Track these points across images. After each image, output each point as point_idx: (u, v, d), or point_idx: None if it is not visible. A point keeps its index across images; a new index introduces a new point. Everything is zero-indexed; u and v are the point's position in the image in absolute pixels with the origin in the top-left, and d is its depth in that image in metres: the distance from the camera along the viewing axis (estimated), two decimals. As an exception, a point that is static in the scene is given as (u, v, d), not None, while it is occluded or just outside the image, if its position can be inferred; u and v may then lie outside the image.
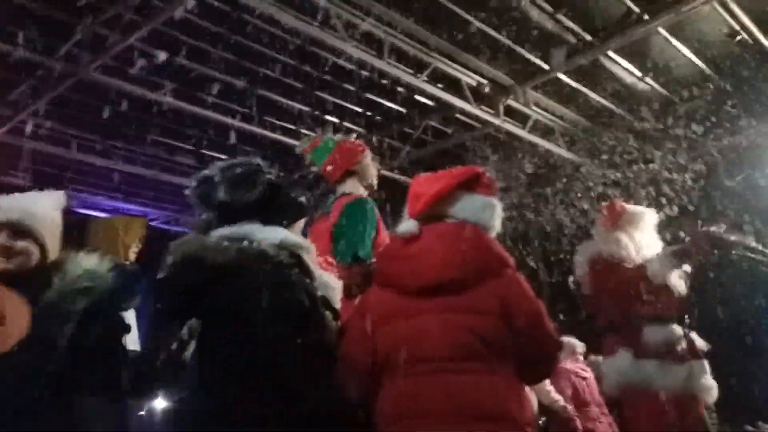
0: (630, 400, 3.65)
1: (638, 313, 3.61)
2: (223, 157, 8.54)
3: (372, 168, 3.66)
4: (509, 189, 8.94)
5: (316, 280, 2.31)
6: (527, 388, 2.48)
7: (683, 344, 3.60)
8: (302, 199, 2.52)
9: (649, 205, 4.70)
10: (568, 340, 6.23)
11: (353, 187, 3.57)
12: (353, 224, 3.31)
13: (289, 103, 7.68)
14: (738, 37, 6.76)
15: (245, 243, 2.16)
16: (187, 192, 2.38)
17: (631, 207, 3.99)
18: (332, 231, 3.33)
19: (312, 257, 2.33)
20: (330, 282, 2.47)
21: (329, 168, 3.59)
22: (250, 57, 6.88)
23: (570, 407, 5.86)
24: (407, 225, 2.40)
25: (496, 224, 2.44)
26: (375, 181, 3.67)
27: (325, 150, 3.64)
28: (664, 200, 8.11)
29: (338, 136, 3.71)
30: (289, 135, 7.95)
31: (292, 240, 2.29)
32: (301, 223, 2.54)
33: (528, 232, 9.66)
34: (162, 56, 6.29)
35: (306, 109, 7.85)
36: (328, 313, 2.31)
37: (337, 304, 2.45)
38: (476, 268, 2.25)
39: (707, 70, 7.37)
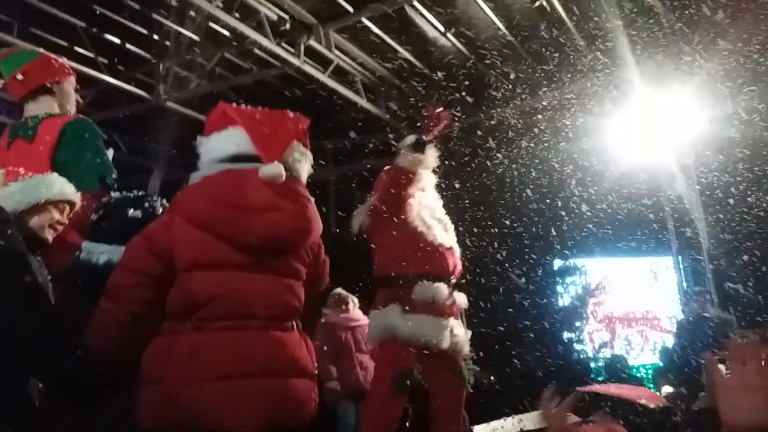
0: (385, 350, 3.71)
1: (410, 270, 3.66)
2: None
3: (73, 97, 3.18)
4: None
5: None
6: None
7: (448, 302, 3.71)
8: None
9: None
10: (338, 292, 6.11)
11: (50, 108, 3.06)
12: (88, 145, 2.89)
13: (60, 14, 6.69)
14: (537, 3, 6.92)
15: None
16: None
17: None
18: (53, 158, 2.84)
19: None
20: None
21: (20, 76, 3.04)
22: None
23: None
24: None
25: None
26: (73, 111, 3.18)
27: (22, 59, 3.10)
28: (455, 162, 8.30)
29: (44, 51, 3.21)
30: (60, 52, 6.93)
31: None
32: None
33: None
34: None
35: (81, 24, 6.90)
36: None
37: None
38: (312, 234, 2.24)
39: (506, 33, 7.49)
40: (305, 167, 2.32)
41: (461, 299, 3.85)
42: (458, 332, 3.71)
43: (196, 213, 2.13)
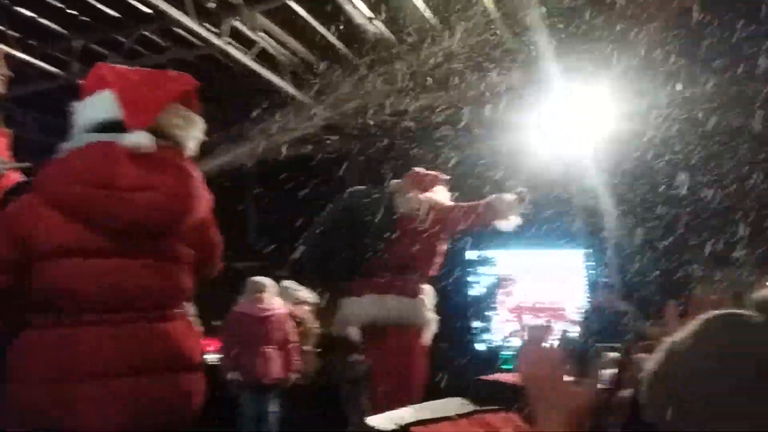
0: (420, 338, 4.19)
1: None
2: None
3: None
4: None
5: None
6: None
7: None
8: None
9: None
10: (254, 279, 6.00)
11: None
12: None
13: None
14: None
15: None
16: None
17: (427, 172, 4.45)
18: None
19: None
20: None
21: None
22: None
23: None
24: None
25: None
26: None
27: None
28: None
29: None
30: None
31: None
32: None
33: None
34: None
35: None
36: None
37: None
38: (193, 212, 2.02)
39: (432, 18, 7.52)
40: (190, 134, 2.11)
41: None
42: None
43: (56, 192, 1.91)
